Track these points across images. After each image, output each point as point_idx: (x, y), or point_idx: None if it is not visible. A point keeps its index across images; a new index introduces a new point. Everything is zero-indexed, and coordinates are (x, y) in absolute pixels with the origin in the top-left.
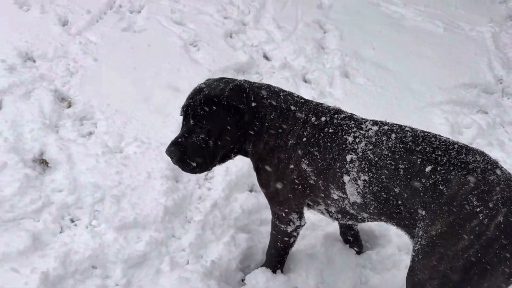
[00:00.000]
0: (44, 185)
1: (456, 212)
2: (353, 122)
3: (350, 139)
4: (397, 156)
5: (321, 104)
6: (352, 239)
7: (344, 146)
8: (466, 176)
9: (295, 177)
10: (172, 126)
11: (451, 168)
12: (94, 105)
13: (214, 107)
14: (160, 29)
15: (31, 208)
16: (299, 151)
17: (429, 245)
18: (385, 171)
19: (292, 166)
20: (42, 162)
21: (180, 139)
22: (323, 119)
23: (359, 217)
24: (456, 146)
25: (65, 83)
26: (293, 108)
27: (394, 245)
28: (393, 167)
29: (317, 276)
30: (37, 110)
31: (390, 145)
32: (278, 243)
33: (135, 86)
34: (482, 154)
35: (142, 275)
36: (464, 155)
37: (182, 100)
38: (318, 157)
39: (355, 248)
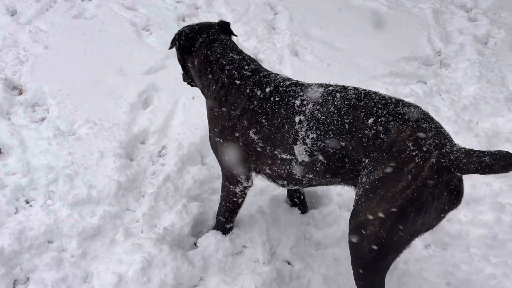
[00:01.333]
0: None
1: (395, 157)
2: (299, 87)
3: (297, 102)
4: (343, 112)
5: (268, 74)
6: (298, 201)
7: (292, 109)
8: (403, 125)
9: (240, 144)
10: (124, 108)
11: (390, 119)
12: (45, 91)
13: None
14: (111, 15)
15: None
16: (245, 121)
17: (371, 188)
18: (332, 127)
19: (237, 135)
20: None
21: None
22: (267, 90)
23: (304, 181)
24: (393, 100)
25: (15, 71)
26: (238, 82)
27: (335, 203)
28: (339, 122)
29: (263, 234)
30: None
31: (335, 103)
32: (228, 203)
33: (87, 71)
34: (416, 106)
35: (97, 245)
36: (400, 107)
37: (134, 83)
38: (266, 124)
39: (300, 209)
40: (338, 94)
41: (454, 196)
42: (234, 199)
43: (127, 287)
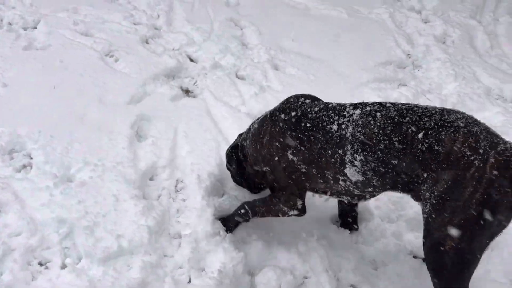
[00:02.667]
0: None
1: (455, 165)
2: (331, 111)
3: (334, 127)
4: (388, 131)
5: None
6: (352, 220)
7: (330, 135)
8: (454, 133)
9: (284, 165)
10: (122, 143)
11: (440, 129)
12: (22, 135)
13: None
14: (67, 42)
15: None
16: (277, 144)
17: (439, 202)
18: (380, 147)
19: (276, 158)
20: None
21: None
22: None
23: (365, 194)
24: (437, 110)
25: None
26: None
27: (377, 216)
28: (387, 141)
29: (324, 261)
30: None
31: (378, 123)
32: (270, 214)
33: (63, 106)
34: (459, 112)
35: None
36: (446, 116)
37: (121, 114)
38: (304, 150)
39: (354, 227)
40: (378, 114)
41: None
42: (280, 214)
43: None
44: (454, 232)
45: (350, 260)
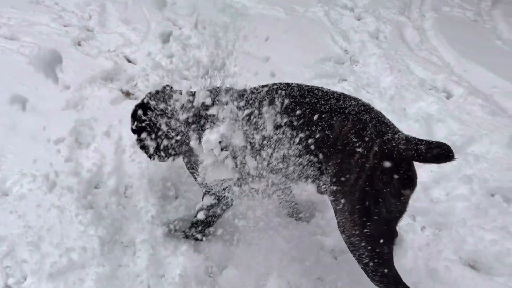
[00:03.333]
0: None
1: (341, 151)
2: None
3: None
4: (289, 110)
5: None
6: (298, 212)
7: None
8: (344, 119)
9: None
10: (61, 151)
11: (332, 114)
12: None
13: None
14: None
15: None
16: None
17: (332, 190)
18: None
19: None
20: None
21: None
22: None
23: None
24: (335, 95)
25: None
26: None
27: (330, 207)
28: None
29: (286, 256)
30: None
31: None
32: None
33: None
34: (356, 99)
35: None
36: (342, 101)
37: (57, 121)
38: None
39: (306, 218)
40: (282, 92)
41: (406, 180)
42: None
43: None
44: (348, 221)
45: (311, 252)
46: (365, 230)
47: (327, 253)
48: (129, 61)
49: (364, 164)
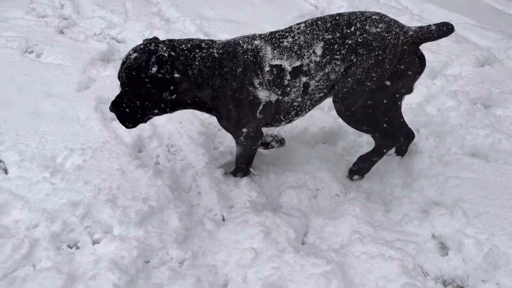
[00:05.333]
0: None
1: (377, 46)
2: (276, 35)
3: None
4: (330, 31)
5: (230, 41)
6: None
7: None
8: (374, 23)
9: (251, 99)
10: (96, 126)
11: (364, 22)
12: None
13: (138, 78)
14: None
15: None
16: (246, 80)
17: (362, 77)
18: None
19: (245, 94)
20: None
21: (115, 100)
22: (249, 47)
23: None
24: (357, 12)
25: None
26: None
27: (351, 133)
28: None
29: (327, 173)
30: None
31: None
32: (248, 156)
33: (11, 109)
34: (371, 11)
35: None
36: (365, 14)
37: (78, 102)
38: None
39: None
40: (319, 22)
41: (422, 61)
42: (253, 152)
43: None
44: (365, 95)
45: (342, 170)
46: (377, 100)
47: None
48: (118, 42)
49: (396, 51)
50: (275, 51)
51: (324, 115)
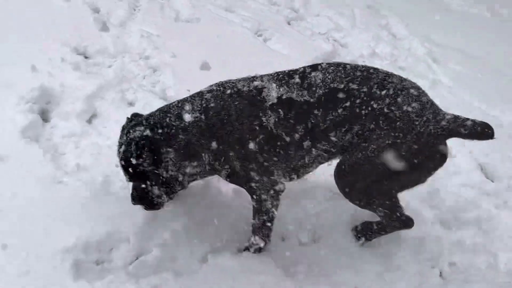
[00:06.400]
0: None
1: (401, 126)
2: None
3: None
4: (358, 81)
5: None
6: None
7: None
8: (408, 98)
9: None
10: None
11: (398, 92)
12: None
13: (133, 171)
14: (215, 18)
15: None
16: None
17: (376, 151)
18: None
19: (239, 147)
20: None
21: (132, 194)
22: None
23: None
24: (395, 76)
25: (154, 83)
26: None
27: None
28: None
29: None
30: None
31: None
32: (270, 215)
33: None
34: (411, 82)
35: None
36: (404, 82)
37: None
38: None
39: None
40: (348, 66)
41: (443, 157)
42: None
43: None
44: (369, 178)
45: None
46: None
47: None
48: (341, 46)
49: (419, 139)
50: (281, 88)
51: None
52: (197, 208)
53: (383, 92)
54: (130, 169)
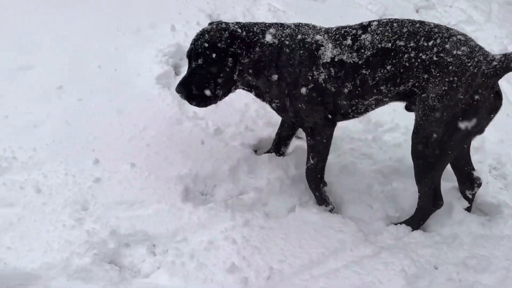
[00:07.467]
0: None
1: (454, 71)
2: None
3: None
4: (405, 38)
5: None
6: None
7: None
8: (456, 43)
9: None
10: None
11: (446, 40)
12: None
13: (211, 53)
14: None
15: None
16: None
17: (434, 103)
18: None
19: (293, 88)
20: None
21: (186, 79)
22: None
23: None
24: (442, 26)
25: None
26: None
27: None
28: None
29: None
30: None
31: (396, 30)
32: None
33: None
34: (458, 31)
35: None
36: (450, 30)
37: None
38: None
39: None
40: (395, 24)
41: (498, 98)
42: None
43: None
44: (441, 126)
45: None
46: (453, 137)
47: None
48: None
49: (473, 81)
50: (335, 49)
51: None
52: (293, 166)
53: (430, 43)
54: (211, 52)
